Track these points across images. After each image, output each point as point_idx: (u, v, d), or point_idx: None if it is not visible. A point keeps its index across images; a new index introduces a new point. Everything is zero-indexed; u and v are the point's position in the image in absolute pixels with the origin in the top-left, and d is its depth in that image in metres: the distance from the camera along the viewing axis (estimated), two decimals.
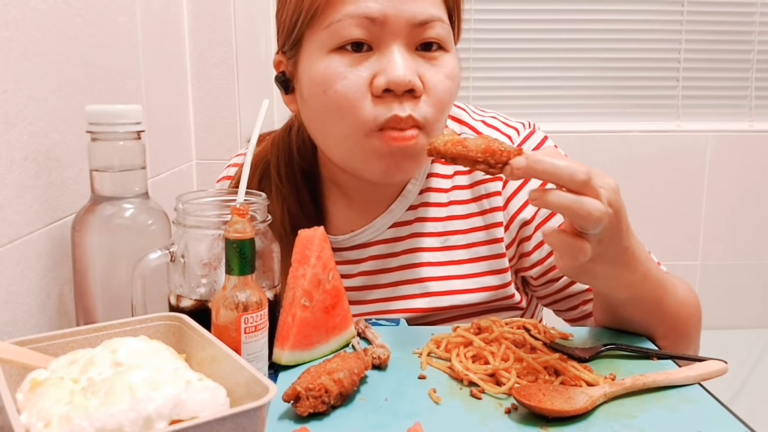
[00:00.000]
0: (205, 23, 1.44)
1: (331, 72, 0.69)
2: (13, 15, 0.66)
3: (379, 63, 0.68)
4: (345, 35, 0.68)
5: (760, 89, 1.98)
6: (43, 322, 0.70)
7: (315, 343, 0.67)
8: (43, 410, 0.42)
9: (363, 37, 0.68)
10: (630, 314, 0.71)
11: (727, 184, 1.94)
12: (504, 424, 0.55)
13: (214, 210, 0.66)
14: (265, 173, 0.84)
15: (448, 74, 0.71)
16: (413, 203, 0.81)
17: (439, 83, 0.70)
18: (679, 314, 0.73)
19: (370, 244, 0.82)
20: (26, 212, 0.67)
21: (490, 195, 0.80)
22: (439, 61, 0.71)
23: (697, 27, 1.94)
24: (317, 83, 0.70)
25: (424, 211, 0.81)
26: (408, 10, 0.67)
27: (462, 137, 0.60)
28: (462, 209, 0.81)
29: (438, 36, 0.70)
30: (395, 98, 0.68)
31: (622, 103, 1.97)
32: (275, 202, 0.81)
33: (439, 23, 0.70)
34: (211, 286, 0.65)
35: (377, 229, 0.81)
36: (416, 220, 0.81)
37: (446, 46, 0.72)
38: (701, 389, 0.61)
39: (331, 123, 0.71)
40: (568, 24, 1.92)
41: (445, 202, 0.81)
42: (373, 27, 0.67)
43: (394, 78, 0.67)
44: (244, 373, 0.47)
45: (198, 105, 1.47)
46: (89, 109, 0.67)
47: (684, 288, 0.76)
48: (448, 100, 0.71)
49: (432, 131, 0.71)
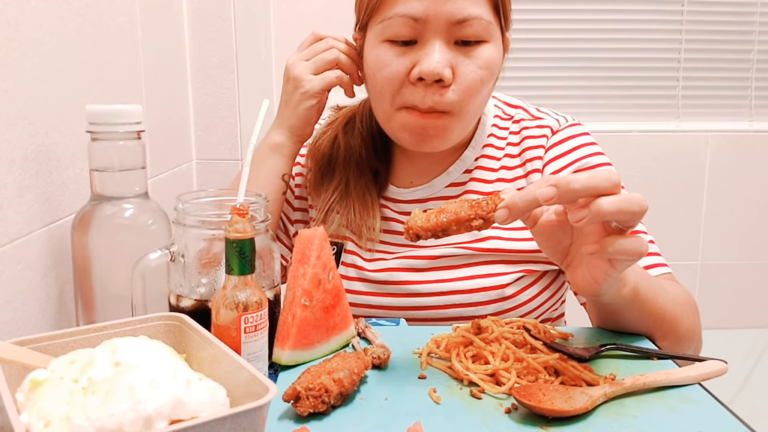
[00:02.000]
0: (205, 23, 1.44)
1: (380, 59, 0.81)
2: (13, 15, 0.66)
3: (419, 55, 0.79)
4: (394, 30, 0.79)
5: (760, 89, 1.98)
6: (43, 322, 0.70)
7: (315, 343, 0.67)
8: (43, 410, 0.42)
9: (408, 33, 0.79)
10: (629, 315, 0.72)
11: (727, 184, 1.94)
12: (504, 424, 0.55)
13: (214, 210, 0.66)
14: (351, 119, 0.97)
15: (481, 64, 0.80)
16: (469, 168, 0.91)
17: (470, 73, 0.79)
18: (674, 311, 0.74)
19: (428, 200, 0.92)
20: (26, 212, 0.67)
21: (533, 159, 0.89)
22: (476, 52, 0.80)
23: (697, 27, 1.94)
24: (370, 66, 0.83)
25: (479, 173, 0.91)
26: (446, 10, 0.77)
27: (435, 209, 0.62)
28: (509, 174, 0.91)
29: (475, 33, 0.79)
30: (426, 86, 0.79)
31: (622, 103, 1.97)
32: (356, 139, 0.94)
33: (477, 20, 0.78)
34: (211, 286, 0.65)
35: (435, 187, 0.92)
36: (470, 181, 0.91)
37: (485, 38, 0.80)
38: (701, 389, 0.61)
39: (376, 99, 0.85)
40: (568, 24, 1.92)
41: (496, 168, 0.91)
42: (416, 25, 0.78)
43: (426, 69, 0.77)
44: (244, 373, 0.47)
45: (198, 105, 1.47)
46: (89, 109, 0.67)
47: (674, 287, 0.79)
48: (477, 87, 0.80)
49: (461, 114, 0.81)
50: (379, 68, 0.81)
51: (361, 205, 0.91)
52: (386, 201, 0.94)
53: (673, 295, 0.76)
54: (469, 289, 0.85)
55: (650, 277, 0.76)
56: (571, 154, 0.88)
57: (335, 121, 0.98)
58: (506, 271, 0.85)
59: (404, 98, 0.80)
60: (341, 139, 0.94)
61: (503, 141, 0.92)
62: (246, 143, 1.50)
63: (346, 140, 0.94)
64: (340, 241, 0.92)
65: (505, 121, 0.93)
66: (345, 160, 0.93)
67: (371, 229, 0.90)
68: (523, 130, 0.91)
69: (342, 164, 0.93)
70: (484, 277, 0.85)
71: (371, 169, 0.93)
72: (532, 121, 0.91)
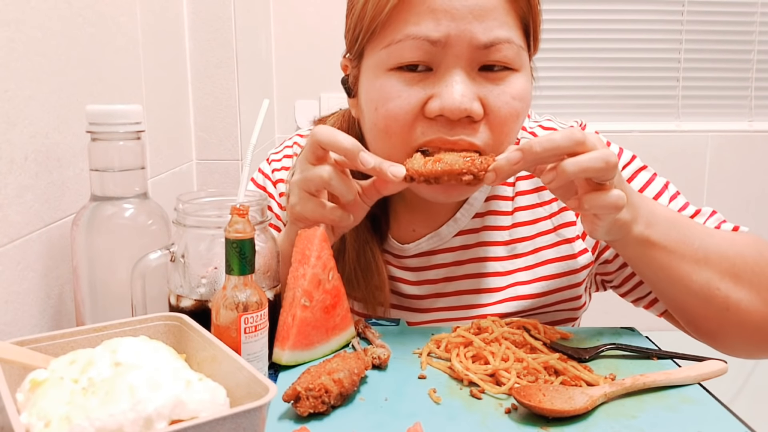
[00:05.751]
0: (205, 23, 1.44)
1: (386, 91, 0.66)
2: (14, 15, 0.66)
3: (437, 86, 0.65)
4: (404, 56, 0.65)
5: (760, 89, 1.98)
6: (43, 322, 0.70)
7: (315, 343, 0.67)
8: (43, 410, 0.42)
9: (423, 59, 0.65)
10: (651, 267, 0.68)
11: (727, 184, 1.94)
12: (504, 424, 0.55)
13: (214, 210, 0.66)
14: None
15: (515, 95, 0.67)
16: (479, 211, 0.80)
17: (504, 105, 0.66)
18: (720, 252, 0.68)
19: (436, 252, 0.80)
20: (26, 212, 0.67)
21: None
22: (506, 81, 0.67)
23: (697, 27, 1.94)
24: (371, 100, 0.68)
25: (491, 219, 0.80)
26: (471, 31, 0.64)
27: (434, 156, 0.64)
28: (527, 215, 0.80)
29: (504, 59, 0.66)
30: (448, 123, 0.65)
31: (622, 103, 1.97)
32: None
33: (506, 45, 0.65)
34: (211, 286, 0.65)
35: (443, 238, 0.79)
36: (483, 228, 0.80)
37: (515, 66, 0.67)
38: (701, 389, 0.61)
39: (378, 140, 0.69)
40: (568, 24, 1.92)
41: (510, 210, 0.80)
42: (433, 49, 0.64)
43: (449, 105, 0.64)
44: (244, 373, 0.47)
45: (198, 105, 1.47)
46: (89, 109, 0.67)
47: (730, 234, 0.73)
48: (513, 122, 0.67)
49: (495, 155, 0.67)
50: (384, 101, 0.66)
51: (361, 265, 0.77)
52: (387, 256, 0.81)
53: (724, 237, 0.70)
54: None
55: (683, 222, 0.69)
56: None
57: None
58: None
59: (421, 137, 0.66)
60: None
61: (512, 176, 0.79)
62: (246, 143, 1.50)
63: None
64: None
65: None
66: None
67: (379, 289, 0.77)
68: None
69: None
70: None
71: (369, 215, 0.75)
72: None
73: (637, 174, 0.81)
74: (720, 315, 0.69)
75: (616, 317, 1.16)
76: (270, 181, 0.89)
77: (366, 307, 0.79)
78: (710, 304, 0.69)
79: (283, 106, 1.92)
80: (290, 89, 1.90)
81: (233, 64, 1.47)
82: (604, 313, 1.13)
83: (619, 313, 1.24)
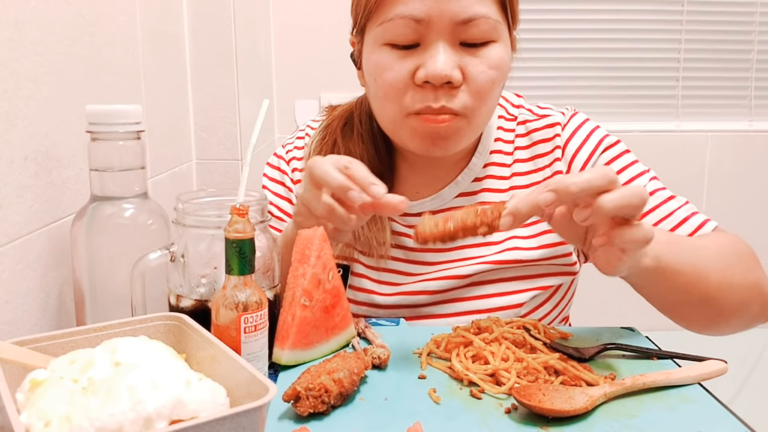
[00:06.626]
0: (205, 23, 1.44)
1: (381, 63, 0.77)
2: (14, 15, 0.66)
3: (423, 57, 0.74)
4: (394, 33, 0.75)
5: (760, 89, 1.98)
6: (43, 322, 0.70)
7: (315, 343, 0.67)
8: (43, 410, 0.42)
9: (410, 35, 0.74)
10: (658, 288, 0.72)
11: (727, 184, 1.94)
12: (504, 424, 0.55)
13: (214, 210, 0.66)
14: (348, 120, 0.91)
15: (491, 65, 0.76)
16: (478, 176, 0.88)
17: (480, 74, 0.75)
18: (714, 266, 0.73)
19: (438, 211, 0.87)
20: (26, 212, 0.67)
21: (547, 155, 0.87)
22: (484, 51, 0.76)
23: (697, 27, 1.94)
24: (370, 71, 0.79)
25: (490, 182, 0.88)
26: (451, 9, 0.73)
27: (443, 215, 0.63)
28: (524, 180, 0.87)
29: (481, 33, 0.75)
30: (434, 89, 0.74)
31: (622, 103, 1.97)
32: (356, 144, 0.87)
33: (484, 20, 0.74)
34: (211, 286, 0.65)
35: (444, 199, 0.88)
36: (482, 191, 0.88)
37: (492, 38, 0.76)
38: (701, 389, 0.61)
39: (380, 106, 0.80)
40: (568, 24, 1.92)
41: (507, 175, 0.88)
42: (419, 26, 0.74)
43: (432, 71, 0.73)
44: (244, 373, 0.47)
45: (198, 105, 1.47)
46: (89, 109, 0.67)
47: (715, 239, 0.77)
48: (488, 88, 0.76)
49: (473, 117, 0.77)
50: (379, 73, 0.77)
51: (370, 218, 0.83)
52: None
53: (714, 248, 0.74)
54: (484, 309, 0.84)
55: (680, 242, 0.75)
56: (591, 140, 0.86)
57: (331, 124, 0.91)
58: (522, 288, 0.84)
59: (412, 103, 0.76)
60: (341, 145, 0.88)
61: (511, 145, 0.88)
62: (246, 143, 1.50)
63: (345, 146, 0.87)
64: (346, 263, 0.88)
65: (510, 122, 0.89)
66: None
67: (381, 243, 0.85)
68: (532, 133, 0.88)
69: None
70: (500, 296, 0.84)
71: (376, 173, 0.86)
72: (538, 121, 0.88)
73: (621, 156, 0.86)
74: (715, 314, 0.74)
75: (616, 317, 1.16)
76: (284, 160, 0.96)
77: (368, 257, 0.87)
78: (708, 307, 0.73)
79: (283, 106, 1.92)
80: (290, 89, 1.90)
81: (233, 64, 1.47)
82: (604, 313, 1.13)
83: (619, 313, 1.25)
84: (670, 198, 0.84)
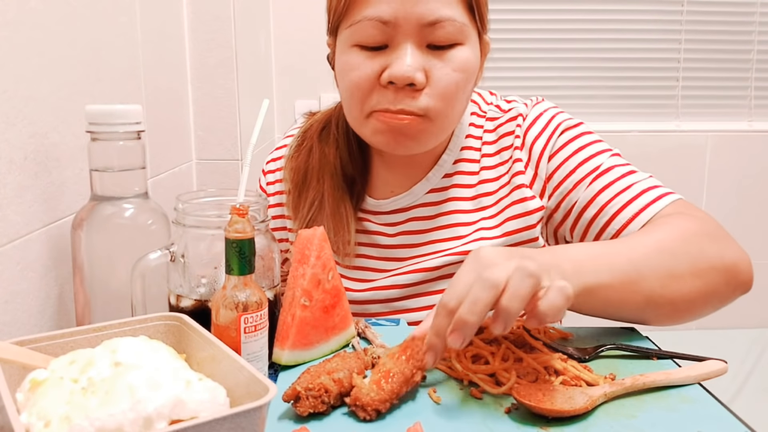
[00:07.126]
0: (205, 23, 1.44)
1: (349, 63, 0.78)
2: (13, 15, 0.66)
3: (390, 58, 0.76)
4: (363, 34, 0.76)
5: (760, 89, 1.98)
6: (43, 322, 0.70)
7: (315, 343, 0.67)
8: (43, 410, 0.42)
9: (378, 36, 0.76)
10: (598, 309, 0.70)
11: (727, 184, 1.94)
12: (504, 424, 0.55)
13: (214, 210, 0.66)
14: (326, 125, 0.93)
15: (456, 67, 0.77)
16: (448, 172, 0.89)
17: (444, 76, 0.76)
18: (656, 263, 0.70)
19: (410, 208, 0.90)
20: (26, 212, 0.67)
21: (510, 147, 0.87)
22: (450, 54, 0.77)
23: (697, 27, 1.94)
24: (340, 71, 0.81)
25: (459, 178, 0.89)
26: (417, 12, 0.74)
27: (377, 374, 0.58)
28: (491, 173, 0.89)
29: (448, 35, 0.76)
30: (396, 90, 0.76)
31: (622, 103, 1.97)
32: (331, 147, 0.90)
33: (450, 22, 0.75)
34: (211, 286, 0.65)
35: (416, 195, 0.89)
36: (452, 187, 0.89)
37: (460, 40, 0.77)
38: (701, 389, 0.61)
39: (347, 105, 0.82)
40: (568, 24, 1.93)
41: (476, 171, 0.89)
42: (386, 28, 0.75)
43: (396, 73, 0.74)
44: (244, 373, 0.47)
45: (198, 105, 1.47)
46: (89, 109, 0.67)
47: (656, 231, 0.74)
48: (453, 90, 0.77)
49: (437, 118, 0.78)
50: (347, 72, 0.78)
51: (335, 219, 0.88)
52: (366, 214, 0.91)
53: (653, 242, 0.71)
54: None
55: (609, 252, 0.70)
56: (550, 125, 0.86)
57: (310, 129, 0.93)
58: None
59: (374, 102, 0.77)
60: (316, 149, 0.90)
61: (479, 141, 0.90)
62: (246, 143, 1.50)
63: (320, 149, 0.90)
64: None
65: (480, 119, 0.90)
66: (319, 171, 0.89)
67: (346, 243, 0.87)
68: (498, 128, 0.88)
69: (316, 177, 0.89)
70: None
71: (347, 178, 0.89)
72: (504, 116, 0.89)
73: (579, 137, 0.86)
74: (670, 311, 0.71)
75: None
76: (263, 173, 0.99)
77: (337, 256, 0.88)
78: (658, 307, 0.70)
79: (283, 106, 1.92)
80: (290, 89, 1.90)
81: (233, 64, 1.47)
82: None
83: None
84: (629, 173, 0.84)
